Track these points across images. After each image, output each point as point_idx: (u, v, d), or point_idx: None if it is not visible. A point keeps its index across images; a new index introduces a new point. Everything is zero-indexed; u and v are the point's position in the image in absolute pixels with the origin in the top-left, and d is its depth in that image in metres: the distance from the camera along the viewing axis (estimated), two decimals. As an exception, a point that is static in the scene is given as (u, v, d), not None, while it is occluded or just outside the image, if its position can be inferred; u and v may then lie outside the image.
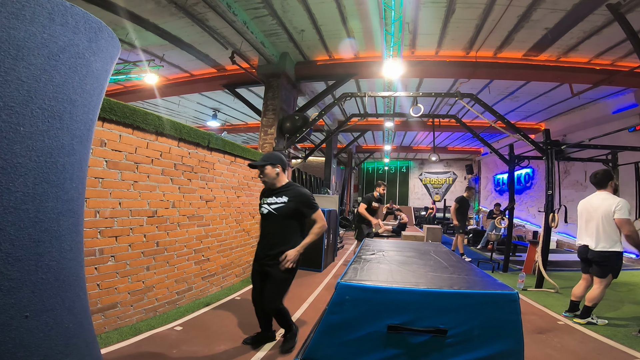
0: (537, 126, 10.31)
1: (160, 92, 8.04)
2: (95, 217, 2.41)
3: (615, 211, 3.07)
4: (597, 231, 3.19)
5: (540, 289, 4.53)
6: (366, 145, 15.78)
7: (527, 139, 5.08)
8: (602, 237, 3.15)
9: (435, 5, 4.59)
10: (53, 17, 0.89)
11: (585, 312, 3.26)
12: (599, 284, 3.17)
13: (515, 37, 5.24)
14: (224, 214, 4.02)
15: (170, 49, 6.22)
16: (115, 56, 1.20)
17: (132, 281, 2.74)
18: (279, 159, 2.42)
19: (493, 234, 6.56)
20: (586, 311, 3.25)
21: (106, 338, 2.42)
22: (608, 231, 3.12)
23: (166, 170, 3.06)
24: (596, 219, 3.21)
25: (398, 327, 1.32)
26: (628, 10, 4.06)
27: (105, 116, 2.43)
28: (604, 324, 3.22)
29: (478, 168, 16.62)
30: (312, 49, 6.08)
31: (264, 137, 6.04)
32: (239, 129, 12.77)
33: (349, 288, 1.37)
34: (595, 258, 3.21)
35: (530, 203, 11.56)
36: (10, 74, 0.82)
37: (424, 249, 2.49)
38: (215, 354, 2.37)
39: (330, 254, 5.95)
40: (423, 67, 6.11)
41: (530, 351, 2.59)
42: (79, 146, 1.06)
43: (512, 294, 1.33)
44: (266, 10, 4.84)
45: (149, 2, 4.74)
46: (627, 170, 5.56)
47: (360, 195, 19.48)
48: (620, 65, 5.73)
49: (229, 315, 3.16)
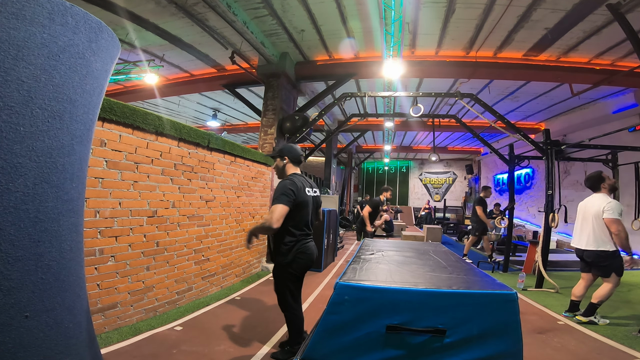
0: (537, 126, 10.31)
1: (160, 92, 8.04)
2: (95, 217, 2.41)
3: (604, 211, 3.15)
4: (589, 231, 3.27)
5: (540, 289, 4.53)
6: (366, 145, 15.78)
7: (527, 139, 5.08)
8: (593, 237, 3.23)
9: (435, 5, 4.58)
10: (53, 17, 0.90)
11: (589, 309, 3.26)
12: (607, 283, 3.20)
13: (515, 37, 5.24)
14: (224, 214, 4.03)
15: (170, 49, 6.22)
16: (115, 56, 1.20)
17: (132, 281, 2.74)
18: (287, 152, 2.39)
19: (493, 234, 6.56)
20: (591, 308, 3.25)
21: (106, 338, 2.42)
22: (598, 232, 3.20)
23: (166, 170, 3.07)
24: (589, 220, 3.29)
25: (397, 327, 1.32)
26: (628, 10, 4.06)
27: (105, 116, 2.43)
28: (605, 324, 3.22)
29: (478, 168, 16.61)
30: (312, 49, 6.08)
31: (264, 137, 6.04)
32: (239, 129, 12.77)
33: (348, 288, 1.37)
34: (590, 258, 3.28)
35: (530, 203, 11.56)
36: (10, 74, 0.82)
37: (423, 249, 2.49)
38: (215, 354, 2.37)
39: (330, 254, 5.96)
40: (423, 67, 6.11)
41: (530, 351, 2.59)
42: (79, 146, 1.06)
43: (510, 294, 1.33)
44: (266, 10, 4.84)
45: (149, 2, 4.74)
46: (627, 170, 5.55)
47: (360, 195, 19.48)
48: (620, 65, 5.72)
49: (229, 315, 3.16)
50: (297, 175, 2.32)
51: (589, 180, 3.45)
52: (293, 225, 2.21)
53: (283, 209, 2.08)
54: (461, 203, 17.47)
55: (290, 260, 2.21)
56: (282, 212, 2.07)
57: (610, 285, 3.16)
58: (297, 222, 2.22)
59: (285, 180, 2.23)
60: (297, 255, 2.22)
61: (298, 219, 2.23)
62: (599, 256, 3.20)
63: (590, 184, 3.44)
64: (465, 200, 17.46)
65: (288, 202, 2.11)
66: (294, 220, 2.20)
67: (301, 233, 2.26)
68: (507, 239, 5.96)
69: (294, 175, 2.32)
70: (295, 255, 2.22)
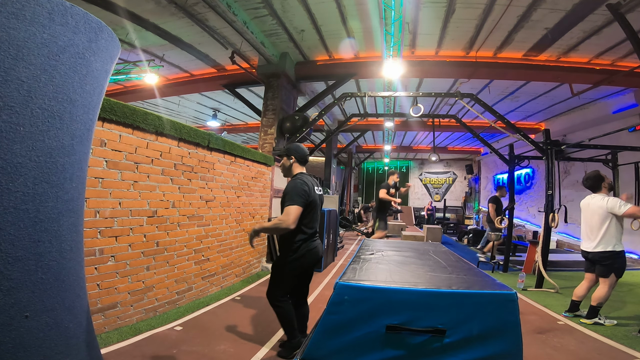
0: (537, 126, 10.31)
1: (160, 92, 8.04)
2: (95, 217, 2.41)
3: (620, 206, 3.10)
4: (593, 232, 3.27)
5: (540, 289, 4.53)
6: (366, 145, 15.78)
7: (527, 139, 5.08)
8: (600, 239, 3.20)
9: (435, 5, 4.59)
10: (53, 17, 0.90)
11: (591, 312, 3.26)
12: (603, 283, 3.19)
13: (515, 37, 5.24)
14: (224, 214, 4.03)
15: (170, 49, 6.22)
16: (115, 56, 1.20)
17: (132, 281, 2.74)
18: (294, 151, 2.41)
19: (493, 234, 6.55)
20: (592, 311, 3.25)
21: (106, 338, 2.42)
22: (606, 233, 3.17)
23: (166, 170, 3.07)
24: (591, 221, 3.29)
25: (397, 327, 1.32)
26: (628, 10, 4.06)
27: (105, 116, 2.43)
28: (612, 325, 3.20)
29: (478, 168, 16.61)
30: (312, 49, 6.08)
31: (264, 137, 6.05)
32: (239, 129, 12.77)
33: (347, 288, 1.37)
34: (595, 257, 3.27)
35: (530, 203, 11.56)
36: (10, 74, 0.82)
37: (423, 249, 2.49)
38: (215, 354, 2.37)
39: (330, 254, 5.96)
40: (423, 67, 6.11)
41: (530, 351, 2.59)
42: (79, 146, 1.06)
43: (510, 294, 1.33)
44: (266, 10, 4.84)
45: (149, 2, 4.74)
46: (627, 170, 5.55)
47: (360, 195, 19.49)
48: (620, 65, 5.72)
49: (229, 315, 3.16)
50: (305, 175, 2.34)
51: (590, 180, 3.41)
52: (304, 225, 2.24)
53: (298, 210, 2.12)
54: (461, 203, 17.48)
55: (297, 257, 2.23)
56: (297, 213, 2.11)
57: (606, 286, 3.15)
58: (307, 221, 2.26)
59: (296, 180, 2.25)
60: (305, 253, 2.25)
61: (309, 218, 2.26)
62: (603, 256, 3.18)
63: (591, 183, 3.40)
64: (465, 200, 17.47)
65: (302, 203, 2.15)
66: (306, 219, 2.24)
67: (311, 232, 2.30)
68: (507, 239, 5.96)
69: (302, 174, 2.35)
70: (303, 253, 2.24)
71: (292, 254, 2.23)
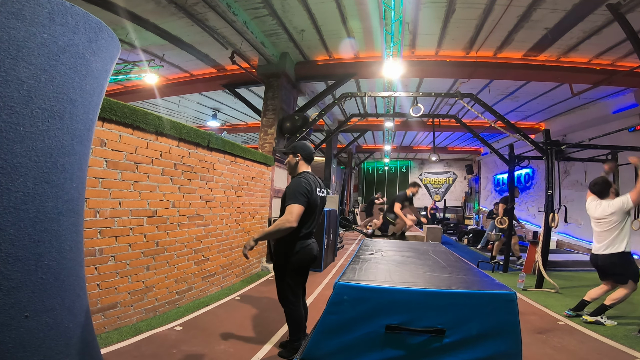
0: (537, 126, 10.31)
1: (160, 92, 8.04)
2: (95, 217, 2.42)
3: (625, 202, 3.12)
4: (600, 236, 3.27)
5: (540, 289, 4.53)
6: (366, 145, 15.78)
7: (527, 139, 5.08)
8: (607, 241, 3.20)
9: (435, 5, 4.58)
10: (53, 17, 0.90)
11: (599, 310, 3.26)
12: (623, 288, 3.19)
13: (515, 37, 5.24)
14: (224, 214, 4.03)
15: (170, 49, 6.22)
16: (115, 56, 1.20)
17: (132, 281, 2.74)
18: (300, 149, 2.40)
19: (493, 234, 6.55)
20: (601, 309, 3.25)
21: (106, 338, 2.42)
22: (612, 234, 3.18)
23: (166, 170, 3.07)
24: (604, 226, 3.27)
25: (396, 327, 1.32)
26: (628, 10, 4.06)
27: (105, 116, 2.43)
28: (612, 325, 3.21)
29: (478, 168, 16.60)
30: (312, 49, 6.08)
31: (264, 137, 6.04)
32: (239, 129, 12.77)
33: (347, 288, 1.37)
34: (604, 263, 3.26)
35: (530, 203, 11.55)
36: (10, 74, 0.82)
37: (422, 249, 2.49)
38: (215, 354, 2.38)
39: (330, 254, 5.96)
40: (423, 67, 6.11)
41: (530, 351, 2.60)
42: (79, 146, 1.06)
43: (510, 294, 1.32)
44: (266, 10, 4.84)
45: (149, 2, 4.74)
46: (627, 170, 5.55)
47: (360, 195, 19.47)
48: (620, 65, 5.72)
49: (229, 315, 3.16)
50: (309, 175, 2.33)
51: (598, 185, 3.40)
52: (301, 225, 2.23)
53: (300, 208, 2.12)
54: (461, 203, 17.48)
55: (295, 255, 2.23)
56: (300, 211, 2.11)
57: (627, 291, 3.15)
58: (306, 221, 2.25)
59: (300, 179, 2.24)
60: (299, 250, 2.25)
61: (307, 219, 2.26)
62: (612, 263, 3.18)
63: (600, 189, 3.39)
64: (465, 200, 17.47)
65: (304, 202, 2.15)
66: (305, 219, 2.23)
67: (306, 232, 2.29)
68: (507, 239, 5.96)
69: (307, 173, 2.34)
70: (297, 250, 2.24)
71: (288, 252, 2.23)
